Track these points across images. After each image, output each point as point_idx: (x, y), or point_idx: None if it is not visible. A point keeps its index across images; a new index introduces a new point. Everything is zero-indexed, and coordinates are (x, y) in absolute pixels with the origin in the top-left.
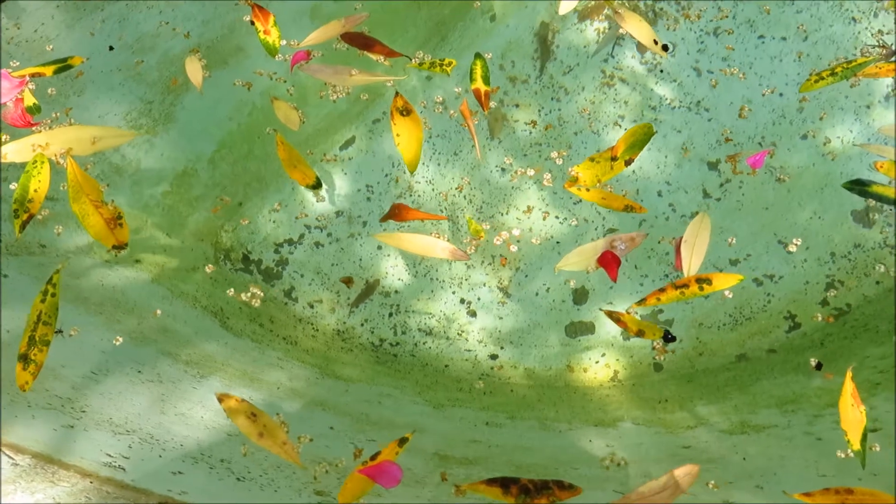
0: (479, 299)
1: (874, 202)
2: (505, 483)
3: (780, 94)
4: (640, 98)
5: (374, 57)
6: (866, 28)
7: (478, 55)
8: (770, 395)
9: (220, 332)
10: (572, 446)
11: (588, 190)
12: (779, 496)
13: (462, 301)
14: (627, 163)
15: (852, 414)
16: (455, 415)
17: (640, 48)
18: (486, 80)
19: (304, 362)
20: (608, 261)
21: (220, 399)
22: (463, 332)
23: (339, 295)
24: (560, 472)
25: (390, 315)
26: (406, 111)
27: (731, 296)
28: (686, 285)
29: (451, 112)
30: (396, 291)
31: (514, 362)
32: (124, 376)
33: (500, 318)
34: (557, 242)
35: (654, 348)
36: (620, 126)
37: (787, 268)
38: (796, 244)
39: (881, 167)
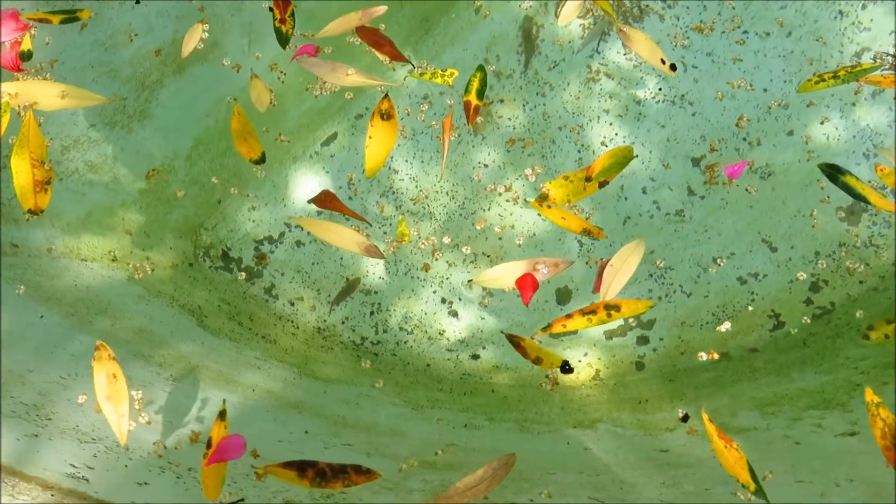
0: (460, 299)
1: (861, 202)
2: (301, 467)
3: (765, 90)
4: (624, 93)
5: (380, 57)
6: (853, 23)
7: (480, 67)
8: (751, 396)
9: (198, 332)
10: (549, 450)
11: (550, 207)
12: None
13: (443, 301)
14: (602, 185)
15: (731, 455)
16: (433, 416)
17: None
18: (480, 95)
19: (282, 362)
20: (525, 284)
21: (97, 347)
22: (444, 331)
23: (319, 293)
24: (535, 477)
25: (371, 314)
26: (388, 116)
27: (635, 324)
28: (594, 311)
29: (433, 123)
30: (377, 291)
31: (496, 362)
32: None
33: (482, 318)
34: (542, 241)
35: (547, 377)
36: (602, 133)
37: (772, 266)
38: (720, 263)
39: (881, 171)
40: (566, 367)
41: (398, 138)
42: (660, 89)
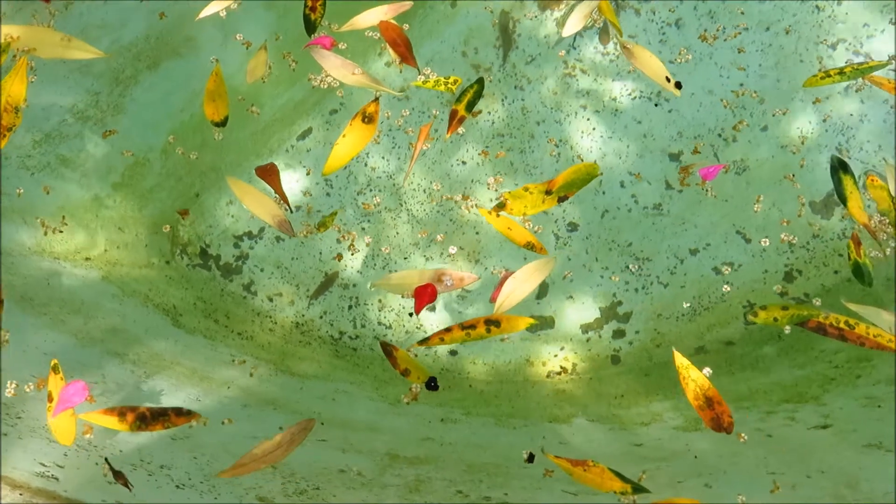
0: (438, 293)
1: (835, 195)
2: (122, 412)
3: (741, 85)
4: (600, 88)
5: (392, 55)
6: (830, 16)
7: (480, 80)
8: (726, 390)
9: (172, 330)
10: (525, 445)
11: (498, 216)
12: (726, 496)
13: None
14: (561, 199)
15: (594, 474)
16: (410, 411)
17: (602, 39)
18: (470, 107)
19: (258, 358)
20: (423, 293)
21: None
22: (422, 325)
23: (298, 288)
24: (511, 472)
25: (350, 308)
26: (370, 119)
27: (508, 340)
28: (473, 326)
29: (409, 130)
30: (355, 285)
31: (473, 357)
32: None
33: (460, 312)
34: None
35: (410, 390)
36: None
37: (746, 257)
38: (634, 267)
39: (872, 181)
40: (432, 384)
41: (373, 140)
42: (636, 85)
